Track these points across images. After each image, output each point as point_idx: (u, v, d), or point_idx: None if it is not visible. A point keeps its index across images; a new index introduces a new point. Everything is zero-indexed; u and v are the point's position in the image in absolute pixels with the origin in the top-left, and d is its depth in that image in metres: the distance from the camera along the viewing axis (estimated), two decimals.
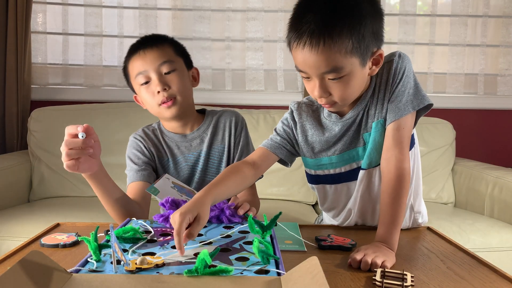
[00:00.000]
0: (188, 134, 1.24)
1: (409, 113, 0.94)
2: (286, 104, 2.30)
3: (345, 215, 1.08)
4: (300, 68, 0.91)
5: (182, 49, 1.25)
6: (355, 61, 0.88)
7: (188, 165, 1.23)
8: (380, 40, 0.92)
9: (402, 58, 0.97)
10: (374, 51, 0.91)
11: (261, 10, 2.32)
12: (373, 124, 0.98)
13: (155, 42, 1.19)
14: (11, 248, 1.07)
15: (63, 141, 0.93)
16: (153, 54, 1.16)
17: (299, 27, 0.87)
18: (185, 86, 1.19)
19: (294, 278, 0.60)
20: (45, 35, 2.30)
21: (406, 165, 0.93)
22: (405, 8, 2.35)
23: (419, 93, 0.96)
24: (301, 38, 0.86)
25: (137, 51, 1.18)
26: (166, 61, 1.16)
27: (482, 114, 2.43)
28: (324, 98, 0.93)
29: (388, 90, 0.97)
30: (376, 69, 0.94)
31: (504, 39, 2.37)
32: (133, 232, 0.81)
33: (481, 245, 1.56)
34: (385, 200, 0.91)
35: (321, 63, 0.87)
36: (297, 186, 2.10)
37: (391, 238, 0.86)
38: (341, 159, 1.05)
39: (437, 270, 0.79)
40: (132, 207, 1.09)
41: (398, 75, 0.96)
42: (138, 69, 1.16)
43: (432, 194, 2.11)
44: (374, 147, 0.98)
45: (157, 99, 1.15)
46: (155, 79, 1.15)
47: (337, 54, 0.85)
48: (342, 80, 0.89)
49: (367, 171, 1.00)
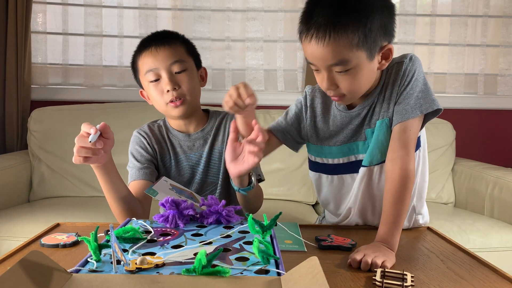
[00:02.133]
0: (192, 133, 1.24)
1: (416, 116, 0.94)
2: (286, 104, 2.30)
3: (345, 213, 1.08)
4: (309, 60, 0.94)
5: (193, 48, 1.24)
6: (362, 55, 0.89)
7: (190, 165, 1.23)
8: (390, 35, 0.93)
9: (413, 61, 0.97)
10: (383, 45, 0.92)
11: (261, 10, 2.32)
12: (378, 122, 0.99)
13: (168, 40, 1.17)
14: (11, 248, 1.07)
15: (79, 134, 0.95)
16: (165, 53, 1.15)
17: (308, 21, 0.90)
18: (195, 86, 1.19)
19: (294, 278, 0.60)
20: (45, 35, 2.30)
21: (411, 166, 0.93)
22: (405, 8, 2.35)
23: (428, 97, 0.96)
24: (309, 31, 0.89)
25: (148, 48, 1.16)
26: (178, 61, 1.15)
27: (482, 114, 2.43)
28: (332, 91, 0.95)
29: (395, 91, 0.97)
30: (385, 63, 0.95)
31: (504, 39, 2.38)
32: (133, 232, 0.81)
33: (481, 245, 1.57)
34: (388, 200, 0.91)
35: (328, 56, 0.89)
36: (297, 186, 2.10)
37: (392, 239, 0.86)
38: (340, 151, 1.06)
39: (437, 270, 0.79)
40: (135, 204, 1.09)
41: (407, 78, 0.96)
42: (149, 66, 1.15)
43: (432, 194, 2.10)
44: (376, 146, 0.99)
45: (166, 97, 1.15)
46: (165, 77, 1.14)
47: (343, 47, 0.87)
48: (349, 72, 0.90)
49: (367, 169, 1.01)
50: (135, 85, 1.22)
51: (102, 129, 0.93)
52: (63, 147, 2.03)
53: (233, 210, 0.94)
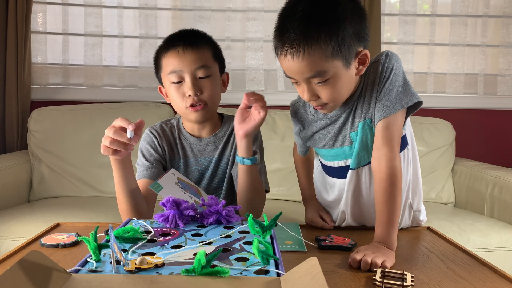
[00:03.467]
0: (204, 138, 1.23)
1: (398, 111, 0.94)
2: (286, 104, 2.30)
3: (340, 217, 1.09)
4: (287, 74, 0.94)
5: (219, 52, 1.22)
6: (338, 64, 0.89)
7: (199, 169, 1.22)
8: (364, 40, 0.93)
9: (389, 57, 0.97)
10: (359, 51, 0.92)
11: (261, 10, 2.32)
12: (360, 124, 0.99)
13: (196, 42, 1.14)
14: (11, 248, 1.07)
15: (110, 126, 0.93)
16: (191, 56, 1.12)
17: (281, 36, 0.90)
18: (216, 93, 1.18)
19: (294, 279, 0.60)
20: (45, 35, 2.30)
21: (397, 163, 0.93)
22: (405, 8, 2.35)
23: (408, 91, 0.95)
24: (283, 47, 0.90)
25: (175, 47, 1.13)
26: (203, 66, 1.13)
27: (482, 114, 2.43)
28: (314, 101, 0.96)
29: (375, 90, 0.97)
30: (363, 68, 0.95)
31: (504, 39, 2.38)
32: (133, 232, 0.81)
33: (481, 245, 1.56)
34: (379, 199, 0.91)
35: (304, 69, 0.89)
36: (297, 186, 2.07)
37: (389, 238, 0.86)
38: (329, 154, 1.07)
39: (437, 270, 0.79)
40: (142, 201, 1.09)
41: (385, 74, 0.96)
42: (173, 67, 1.13)
43: (432, 194, 2.11)
44: (361, 147, 0.99)
45: (187, 101, 1.14)
46: (188, 82, 1.12)
47: (318, 59, 0.87)
48: (328, 82, 0.91)
49: (355, 171, 1.01)
50: (135, 85, 1.21)
51: (138, 127, 0.92)
52: (63, 147, 2.04)
53: (233, 210, 0.94)
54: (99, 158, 2.02)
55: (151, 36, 2.31)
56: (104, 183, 2.01)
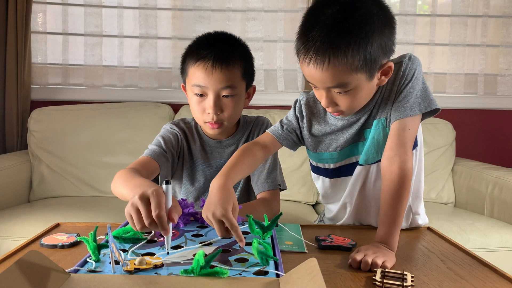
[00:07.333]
0: (223, 140, 1.22)
1: (415, 115, 0.94)
2: (286, 104, 2.31)
3: (339, 209, 1.09)
4: (308, 80, 0.93)
5: (250, 67, 1.19)
6: (362, 77, 0.88)
7: (217, 171, 1.20)
8: (390, 52, 0.91)
9: (412, 60, 0.96)
10: (383, 63, 0.90)
11: (261, 10, 2.32)
12: (374, 121, 0.99)
13: (227, 59, 1.09)
14: (11, 248, 1.07)
15: (145, 212, 0.72)
16: (220, 76, 1.08)
17: (306, 41, 0.87)
18: (237, 112, 1.16)
19: (293, 280, 0.60)
20: (45, 35, 2.30)
21: (409, 165, 0.92)
22: (405, 8, 2.35)
23: (427, 96, 0.95)
24: (307, 53, 0.87)
25: (205, 62, 1.08)
26: (229, 86, 1.10)
27: (482, 114, 2.43)
28: (331, 107, 0.95)
29: (394, 91, 0.96)
30: (385, 79, 0.93)
31: (504, 39, 2.37)
32: (133, 233, 0.81)
33: (481, 245, 1.56)
34: (386, 200, 0.90)
35: (326, 79, 0.87)
36: (297, 186, 2.09)
37: (391, 239, 0.86)
38: (341, 154, 1.06)
39: (437, 270, 0.78)
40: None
41: (407, 76, 0.95)
42: (198, 81, 1.09)
43: (432, 194, 2.10)
44: (372, 144, 0.99)
45: (205, 117, 1.12)
46: (211, 100, 1.09)
47: (342, 71, 0.85)
48: (349, 93, 0.90)
49: (364, 167, 1.01)
50: (135, 85, 1.20)
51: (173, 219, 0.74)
52: (63, 147, 2.03)
53: None
54: (99, 158, 2.02)
55: (151, 36, 2.31)
56: (104, 183, 2.01)
